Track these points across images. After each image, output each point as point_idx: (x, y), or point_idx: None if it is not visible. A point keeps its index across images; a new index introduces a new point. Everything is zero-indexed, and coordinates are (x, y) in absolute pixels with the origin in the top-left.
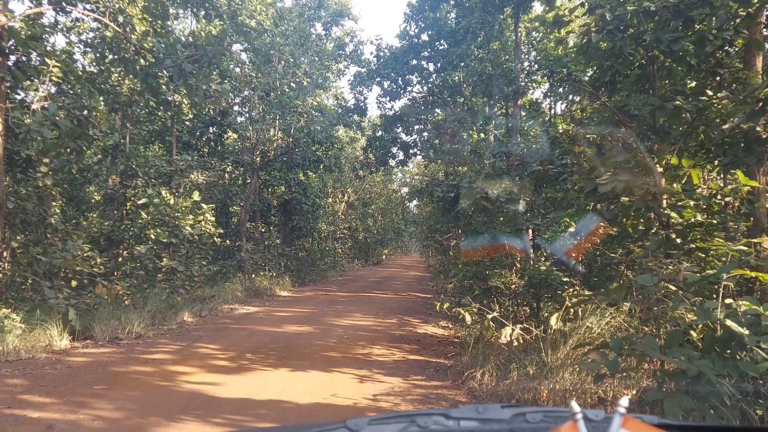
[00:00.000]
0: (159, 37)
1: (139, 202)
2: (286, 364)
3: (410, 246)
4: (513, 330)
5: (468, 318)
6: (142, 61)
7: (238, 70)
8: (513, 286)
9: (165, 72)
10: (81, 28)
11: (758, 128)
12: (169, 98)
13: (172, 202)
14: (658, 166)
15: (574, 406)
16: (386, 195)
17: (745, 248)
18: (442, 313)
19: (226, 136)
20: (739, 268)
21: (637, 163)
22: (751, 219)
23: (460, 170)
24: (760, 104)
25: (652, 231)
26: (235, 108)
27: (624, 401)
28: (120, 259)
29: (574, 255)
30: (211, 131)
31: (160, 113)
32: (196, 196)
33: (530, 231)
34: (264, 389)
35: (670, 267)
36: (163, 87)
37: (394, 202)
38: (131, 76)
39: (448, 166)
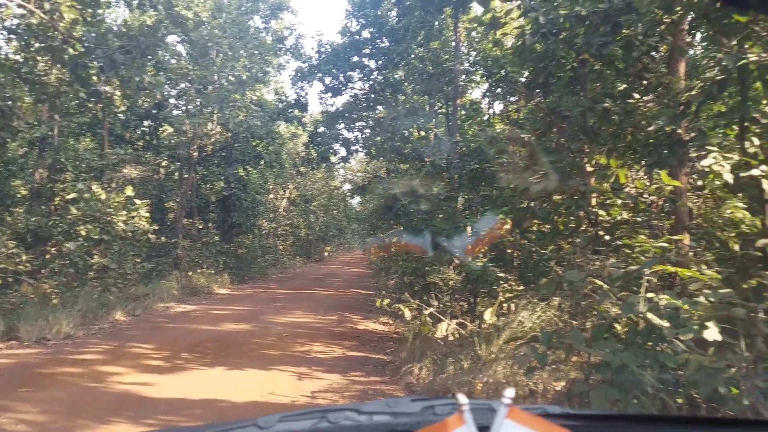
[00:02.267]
0: (89, 26)
1: (69, 197)
2: (223, 362)
3: (353, 243)
4: (449, 325)
5: (407, 314)
6: (70, 50)
7: (174, 62)
8: (451, 282)
9: (96, 62)
10: (4, 14)
11: (680, 131)
12: (100, 89)
13: (103, 197)
14: (587, 165)
15: (461, 397)
16: (328, 192)
17: (667, 245)
18: (382, 310)
19: (161, 129)
20: (660, 264)
21: (568, 162)
22: (673, 217)
23: (401, 167)
24: (682, 108)
25: (582, 228)
26: (171, 101)
27: (509, 392)
28: (48, 257)
29: (473, 251)
30: (145, 124)
31: (90, 105)
32: (129, 191)
33: (468, 228)
34: (200, 389)
35: (597, 263)
36: (94, 78)
37: (337, 199)
38: (59, 65)
39: (389, 164)
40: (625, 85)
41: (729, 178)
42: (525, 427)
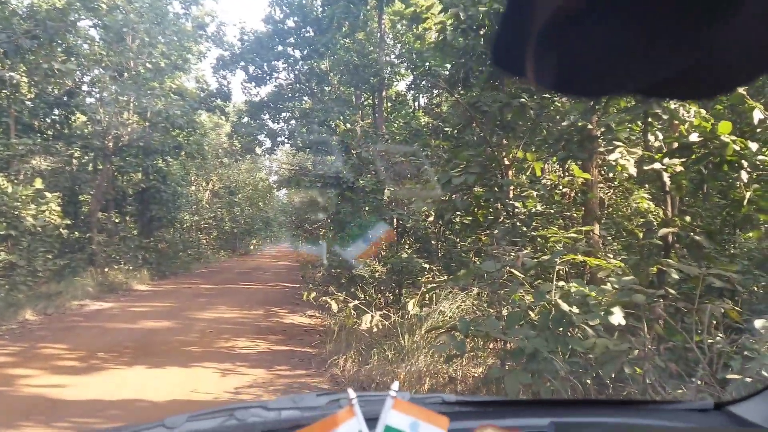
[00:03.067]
0: None
1: None
2: (142, 361)
3: (280, 236)
4: (372, 317)
5: (334, 306)
6: None
7: (86, 47)
8: (377, 274)
9: None
10: None
11: (590, 126)
12: (5, 76)
13: (10, 190)
14: (505, 159)
15: (350, 392)
16: (254, 184)
17: (576, 235)
18: (309, 303)
19: (73, 118)
20: (571, 254)
21: (488, 156)
22: (584, 208)
23: (328, 159)
24: (592, 104)
25: (500, 220)
26: (84, 88)
27: (395, 385)
28: None
29: (364, 257)
30: (56, 113)
31: None
32: (38, 183)
33: (395, 220)
34: (117, 389)
35: (513, 254)
36: None
37: (262, 191)
38: None
39: (316, 156)
40: None
41: (633, 171)
42: (408, 415)
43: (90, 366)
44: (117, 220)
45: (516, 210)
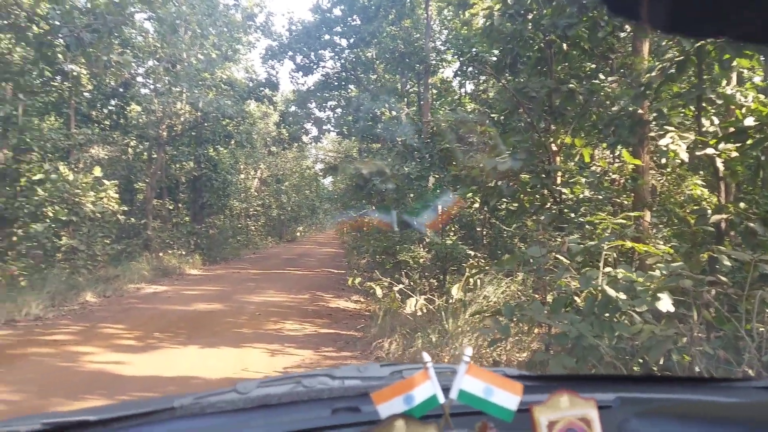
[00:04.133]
0: (54, 3)
1: (35, 177)
2: (195, 341)
3: (325, 223)
4: (417, 301)
5: (379, 292)
6: (35, 28)
7: (141, 39)
8: (421, 260)
9: (62, 41)
10: None
11: (641, 111)
12: (66, 68)
13: (71, 178)
14: (553, 145)
15: (425, 355)
16: (300, 171)
17: (625, 222)
18: (354, 288)
19: (129, 108)
20: (619, 240)
21: (535, 142)
22: (634, 195)
23: (373, 147)
24: (643, 88)
25: (546, 206)
26: (139, 79)
27: (468, 350)
28: (14, 239)
29: (435, 226)
30: (112, 104)
31: (56, 84)
32: (97, 171)
33: (439, 207)
34: (173, 367)
35: (559, 239)
36: (60, 56)
37: (309, 179)
38: (23, 44)
39: (361, 143)
40: (590, 66)
41: (685, 156)
42: (482, 381)
43: (147, 345)
44: (170, 207)
45: (563, 196)
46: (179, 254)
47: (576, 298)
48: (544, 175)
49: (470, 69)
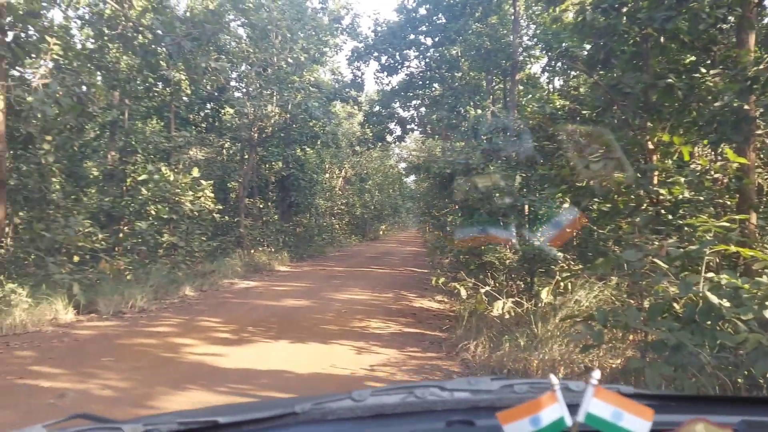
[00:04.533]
0: (158, 14)
1: (140, 178)
2: (286, 336)
3: (407, 221)
4: (504, 303)
5: (463, 292)
6: (140, 37)
7: (234, 45)
8: (507, 261)
9: (164, 49)
10: (78, 3)
11: (747, 106)
12: (168, 75)
13: (171, 178)
14: (649, 143)
15: (553, 378)
16: (384, 170)
17: (729, 225)
18: (437, 288)
19: (223, 111)
20: (722, 244)
21: (629, 140)
22: (739, 195)
23: (457, 146)
24: (749, 83)
25: (642, 207)
26: (233, 84)
27: (596, 374)
28: (121, 235)
29: (568, 232)
30: (208, 107)
31: (158, 89)
32: (195, 172)
33: (526, 207)
34: (266, 360)
35: (656, 243)
36: (162, 64)
37: (392, 178)
38: (130, 52)
39: (445, 142)
40: (690, 59)
41: None
42: (610, 404)
43: (241, 338)
44: (261, 206)
45: (660, 197)
46: (269, 251)
47: (674, 304)
48: (639, 175)
49: (559, 65)
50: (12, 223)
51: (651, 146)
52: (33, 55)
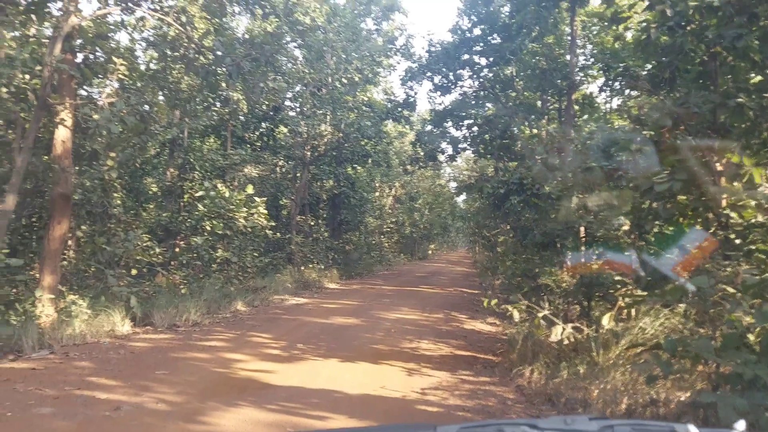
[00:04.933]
0: (219, 35)
1: (197, 194)
2: (335, 354)
3: (457, 241)
4: (564, 329)
5: (516, 315)
6: (201, 58)
7: (291, 65)
8: (563, 284)
9: (223, 69)
10: (144, 26)
11: None
12: (228, 96)
13: (227, 194)
14: (717, 164)
15: (691, 429)
16: (434, 190)
17: None
18: (489, 310)
19: (277, 130)
20: None
21: (696, 161)
22: None
23: (510, 166)
24: None
25: (710, 231)
26: (287, 103)
27: (740, 424)
28: (177, 250)
29: (696, 256)
30: (263, 126)
31: (216, 109)
32: (249, 189)
33: (583, 229)
34: (315, 378)
35: (728, 269)
36: (222, 84)
37: (442, 197)
38: (191, 73)
39: (497, 162)
40: (761, 78)
41: None
42: None
43: (291, 355)
44: (312, 223)
45: (730, 221)
46: (319, 268)
47: (749, 335)
48: (708, 198)
49: (617, 84)
50: (75, 236)
51: (719, 168)
52: (100, 76)
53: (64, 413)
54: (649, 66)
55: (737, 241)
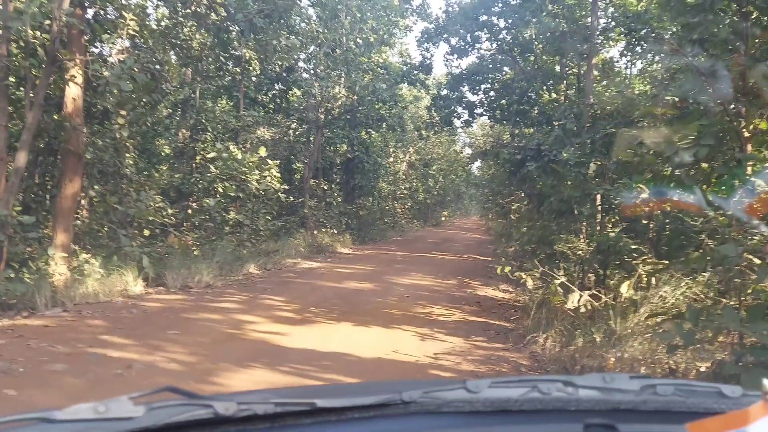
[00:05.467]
0: None
1: (209, 156)
2: (348, 318)
3: (470, 208)
4: (581, 296)
5: (530, 282)
6: (213, 15)
7: (304, 25)
8: (579, 252)
9: (236, 27)
10: None
11: None
12: (240, 53)
13: (239, 157)
14: (745, 131)
15: (767, 383)
16: (448, 156)
17: None
18: (502, 277)
19: (291, 92)
20: None
21: (722, 127)
22: None
23: (527, 132)
24: None
25: (735, 199)
26: (301, 64)
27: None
28: (189, 212)
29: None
30: (276, 88)
31: (229, 68)
32: (262, 151)
33: (599, 196)
34: (328, 342)
35: (756, 238)
36: (234, 42)
37: (457, 164)
38: (203, 30)
39: (514, 128)
40: None
41: None
42: None
43: (304, 318)
44: (325, 187)
45: (757, 189)
46: (332, 233)
47: None
48: (735, 165)
49: (639, 48)
50: (87, 196)
51: (747, 134)
52: (110, 32)
53: (76, 370)
54: (674, 28)
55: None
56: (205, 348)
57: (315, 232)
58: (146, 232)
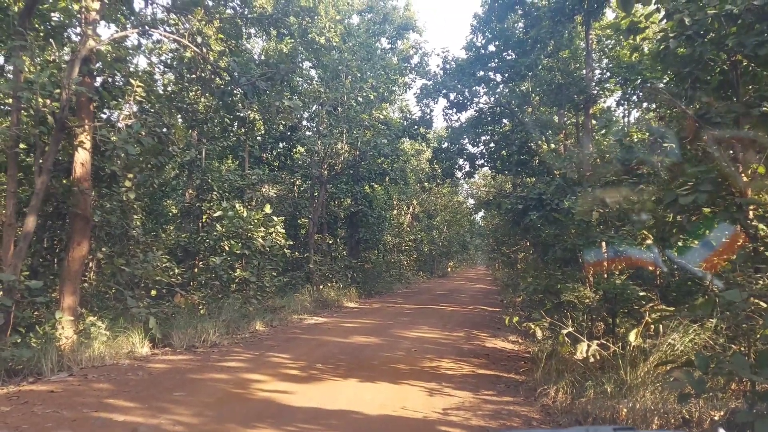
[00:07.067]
0: (235, 56)
1: (215, 214)
2: (355, 374)
3: (476, 258)
4: (590, 346)
5: (539, 333)
6: (218, 79)
7: (306, 85)
8: (587, 301)
9: (240, 90)
10: (161, 49)
11: None
12: (244, 115)
13: (245, 214)
14: (743, 175)
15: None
16: (452, 207)
17: None
18: (510, 328)
19: (294, 150)
20: None
21: (720, 172)
22: None
23: (528, 181)
24: None
25: (738, 244)
26: (304, 123)
27: None
28: (196, 270)
29: (724, 251)
30: (280, 146)
31: (233, 129)
32: (267, 209)
33: (604, 244)
34: (334, 399)
35: (760, 282)
36: (238, 104)
37: (460, 214)
38: (208, 94)
39: (515, 178)
40: None
41: None
42: None
43: (310, 376)
44: (330, 242)
45: (759, 233)
46: (337, 287)
47: None
48: (734, 210)
49: (635, 97)
50: (95, 258)
51: (745, 178)
52: (118, 98)
53: None
54: (667, 77)
55: (767, 254)
56: (210, 408)
57: (320, 286)
58: (153, 293)
